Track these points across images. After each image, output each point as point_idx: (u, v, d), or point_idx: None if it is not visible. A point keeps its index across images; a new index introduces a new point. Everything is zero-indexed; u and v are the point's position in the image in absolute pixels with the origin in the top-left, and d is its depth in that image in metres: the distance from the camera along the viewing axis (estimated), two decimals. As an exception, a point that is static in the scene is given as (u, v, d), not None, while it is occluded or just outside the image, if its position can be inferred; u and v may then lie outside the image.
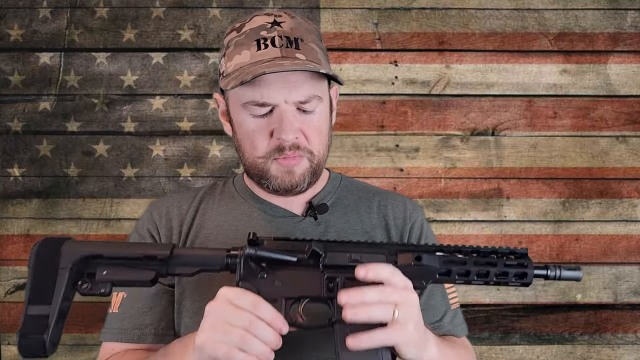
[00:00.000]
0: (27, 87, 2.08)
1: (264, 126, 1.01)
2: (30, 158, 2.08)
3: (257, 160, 1.04)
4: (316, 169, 1.06)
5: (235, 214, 1.12)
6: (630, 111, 2.12)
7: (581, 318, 2.11)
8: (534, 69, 2.12)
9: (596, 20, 2.12)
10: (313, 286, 0.88)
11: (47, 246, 0.87)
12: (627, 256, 2.11)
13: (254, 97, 1.00)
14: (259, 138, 1.02)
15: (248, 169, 1.07)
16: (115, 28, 2.09)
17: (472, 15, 2.12)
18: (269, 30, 1.01)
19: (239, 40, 1.03)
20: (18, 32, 2.09)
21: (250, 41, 1.01)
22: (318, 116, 1.04)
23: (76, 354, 2.07)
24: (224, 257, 0.88)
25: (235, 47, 1.03)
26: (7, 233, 2.07)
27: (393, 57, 2.11)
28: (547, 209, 2.11)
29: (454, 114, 2.11)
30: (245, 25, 1.04)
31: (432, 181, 2.11)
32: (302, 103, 1.01)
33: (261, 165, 1.04)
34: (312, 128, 1.03)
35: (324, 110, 1.06)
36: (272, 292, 0.87)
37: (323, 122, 1.05)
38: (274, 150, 1.02)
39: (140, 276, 0.87)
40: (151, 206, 1.15)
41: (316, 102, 1.03)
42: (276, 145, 1.01)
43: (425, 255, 0.90)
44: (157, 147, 2.09)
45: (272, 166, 1.03)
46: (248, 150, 1.04)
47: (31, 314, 0.82)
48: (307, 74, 1.01)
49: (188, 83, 2.09)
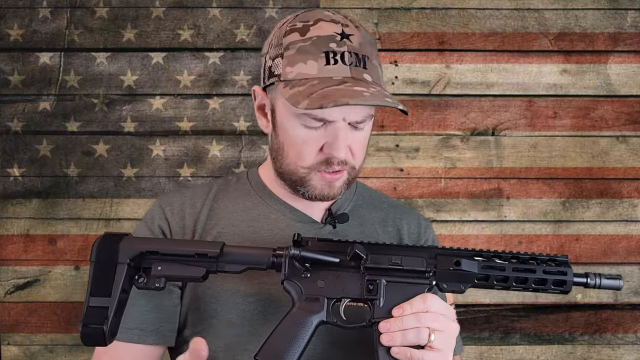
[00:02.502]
0: (27, 87, 2.08)
1: (315, 139, 0.99)
2: (30, 158, 2.08)
3: (300, 169, 1.02)
4: (352, 181, 1.06)
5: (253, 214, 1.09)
6: (631, 111, 2.12)
7: (581, 318, 2.11)
8: (534, 69, 2.12)
9: (596, 20, 2.12)
10: (354, 287, 0.92)
11: (107, 242, 0.91)
12: (628, 256, 2.10)
13: (314, 112, 0.96)
14: (308, 149, 1.00)
15: (284, 174, 1.05)
16: (115, 28, 2.09)
17: (472, 15, 2.12)
18: (338, 44, 0.97)
19: (303, 46, 0.98)
20: (18, 32, 2.08)
21: (318, 52, 0.97)
22: (366, 133, 1.03)
23: (76, 354, 2.07)
24: (270, 256, 0.92)
25: (299, 54, 0.98)
26: (6, 233, 2.07)
27: (393, 57, 2.11)
28: (547, 209, 2.11)
29: (454, 114, 2.11)
30: (311, 30, 0.98)
31: (432, 181, 2.11)
32: (357, 122, 1.00)
33: (303, 175, 1.02)
34: (359, 144, 1.03)
35: (370, 128, 1.06)
36: (315, 291, 0.92)
37: (367, 140, 1.05)
38: (321, 163, 1.00)
39: (192, 272, 0.91)
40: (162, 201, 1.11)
41: (368, 120, 1.02)
42: (325, 159, 1.00)
43: (464, 260, 0.92)
44: (157, 147, 2.09)
45: (314, 177, 1.02)
46: (292, 158, 1.02)
47: (92, 305, 0.87)
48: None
49: (188, 83, 2.09)
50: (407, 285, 0.91)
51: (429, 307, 0.88)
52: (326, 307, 0.91)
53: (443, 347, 0.87)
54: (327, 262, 0.91)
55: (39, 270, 2.07)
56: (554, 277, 0.91)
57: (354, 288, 0.92)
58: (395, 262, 0.91)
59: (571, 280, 0.92)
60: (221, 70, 2.07)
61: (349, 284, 0.92)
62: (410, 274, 0.92)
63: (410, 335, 0.87)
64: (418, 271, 0.91)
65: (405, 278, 0.91)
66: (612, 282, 0.92)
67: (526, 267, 0.92)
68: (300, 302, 0.92)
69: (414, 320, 0.87)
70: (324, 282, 0.92)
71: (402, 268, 0.91)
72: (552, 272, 0.92)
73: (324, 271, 0.92)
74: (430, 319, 0.87)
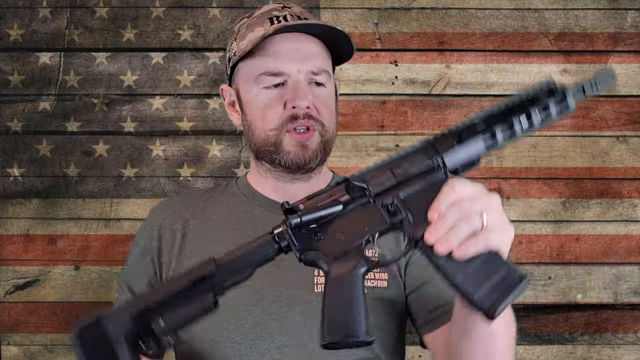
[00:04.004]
0: (26, 87, 2.08)
1: (277, 97, 1.03)
2: (30, 158, 2.08)
3: (269, 133, 1.04)
4: (326, 145, 1.06)
5: (236, 213, 1.11)
6: (631, 111, 2.12)
7: (581, 318, 2.10)
8: (534, 69, 2.11)
9: (596, 20, 2.12)
10: (375, 220, 0.79)
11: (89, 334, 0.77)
12: (628, 256, 2.10)
13: (267, 67, 1.02)
14: (272, 110, 1.04)
15: (259, 149, 1.07)
16: (115, 28, 2.09)
17: (472, 15, 2.12)
18: (280, 11, 1.05)
19: (250, 22, 1.06)
20: (18, 32, 2.08)
21: (263, 20, 1.04)
22: (328, 92, 1.07)
23: (76, 354, 2.07)
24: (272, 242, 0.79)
25: (248, 28, 1.06)
26: (6, 233, 2.07)
27: (393, 57, 2.11)
28: (547, 209, 2.11)
29: (454, 114, 2.11)
30: (255, 12, 1.08)
31: (432, 181, 2.11)
32: (314, 74, 1.03)
33: (273, 139, 1.04)
34: (322, 101, 1.05)
35: (332, 89, 1.09)
36: (339, 247, 0.79)
37: (331, 100, 1.08)
38: (287, 120, 1.03)
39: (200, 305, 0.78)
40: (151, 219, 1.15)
41: (326, 76, 1.06)
42: (290, 114, 1.02)
43: (464, 134, 0.81)
44: (157, 147, 2.09)
45: (284, 139, 1.04)
46: (260, 125, 1.05)
47: None
48: (319, 49, 1.05)
49: (188, 83, 2.09)
50: (425, 189, 0.78)
51: (462, 191, 0.76)
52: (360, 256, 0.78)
53: (500, 223, 0.75)
54: (332, 213, 0.79)
55: (38, 270, 2.07)
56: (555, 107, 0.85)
57: (375, 221, 0.79)
58: (399, 174, 0.80)
59: (572, 100, 0.85)
60: (221, 70, 2.07)
61: (368, 220, 0.79)
62: (422, 176, 0.80)
63: (462, 228, 0.73)
64: (427, 170, 0.80)
65: (419, 183, 0.79)
66: (604, 75, 0.85)
67: (520, 102, 0.84)
68: (333, 266, 0.78)
69: (456, 212, 0.74)
70: (342, 233, 0.79)
71: (410, 175, 0.80)
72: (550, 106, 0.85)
73: (335, 223, 0.79)
74: (471, 201, 0.74)
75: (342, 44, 1.07)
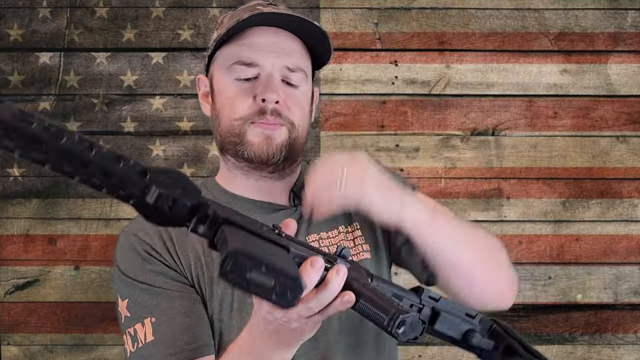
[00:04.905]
0: (26, 87, 2.08)
1: (247, 90, 1.00)
2: (30, 158, 2.07)
3: (234, 123, 1.00)
4: (294, 143, 1.02)
5: None
6: (631, 111, 2.12)
7: (581, 318, 2.10)
8: (534, 68, 2.11)
9: (596, 20, 2.12)
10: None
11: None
12: (628, 256, 2.10)
13: (241, 56, 1.00)
14: (240, 100, 1.00)
15: (224, 139, 1.03)
16: (115, 28, 2.09)
17: (472, 15, 2.12)
18: (264, 6, 1.03)
19: (233, 13, 1.05)
20: (18, 32, 2.08)
21: (244, 12, 1.02)
22: (301, 92, 1.03)
23: (76, 354, 2.07)
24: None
25: (229, 19, 1.04)
26: (6, 233, 2.07)
27: (393, 57, 2.11)
28: (548, 209, 2.10)
29: (454, 114, 2.11)
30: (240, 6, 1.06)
31: (432, 181, 2.11)
32: (289, 70, 1.00)
33: (238, 129, 1.00)
34: (294, 100, 1.01)
35: (307, 91, 1.05)
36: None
37: (305, 101, 1.04)
38: (255, 113, 0.99)
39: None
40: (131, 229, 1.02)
41: (302, 76, 1.02)
42: (258, 108, 0.99)
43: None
44: (157, 147, 2.09)
45: (248, 130, 0.99)
46: (226, 114, 1.01)
47: None
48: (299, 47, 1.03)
49: (188, 83, 2.09)
50: None
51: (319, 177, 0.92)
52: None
53: (356, 181, 0.90)
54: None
55: (38, 270, 2.07)
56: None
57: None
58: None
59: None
60: (221, 70, 2.07)
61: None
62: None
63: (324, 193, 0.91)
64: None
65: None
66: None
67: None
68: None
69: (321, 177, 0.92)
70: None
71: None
72: None
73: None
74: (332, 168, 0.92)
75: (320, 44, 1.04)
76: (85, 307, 2.06)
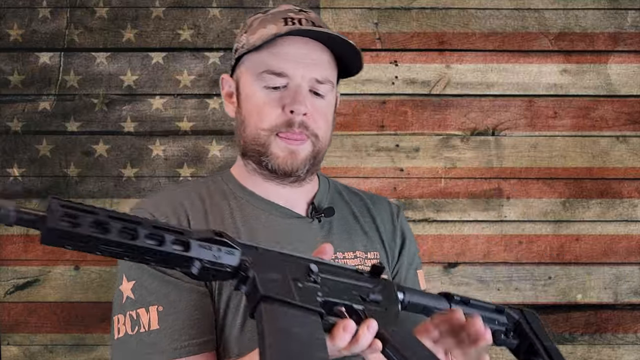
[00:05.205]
0: (26, 87, 2.08)
1: (276, 99, 1.01)
2: (29, 158, 2.07)
3: (261, 132, 1.02)
4: (317, 155, 1.05)
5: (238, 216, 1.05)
6: (631, 111, 2.12)
7: (581, 318, 2.10)
8: (534, 68, 2.11)
9: (596, 20, 2.12)
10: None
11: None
12: (628, 256, 2.10)
13: (272, 65, 1.01)
14: (268, 110, 1.01)
15: (247, 146, 1.04)
16: (115, 28, 2.09)
17: (472, 15, 2.12)
18: (296, 13, 1.04)
19: (264, 18, 1.05)
20: (18, 32, 2.08)
21: (277, 19, 1.03)
22: (327, 102, 1.05)
23: (76, 354, 2.07)
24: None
25: (260, 23, 1.04)
26: (7, 233, 2.07)
27: (393, 57, 2.11)
28: (548, 209, 2.10)
29: (454, 114, 2.11)
30: (271, 10, 1.07)
31: (432, 181, 2.11)
32: (318, 82, 1.02)
33: (263, 139, 1.02)
34: (320, 112, 1.03)
35: (332, 101, 1.07)
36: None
37: (329, 112, 1.07)
38: (282, 124, 1.01)
39: None
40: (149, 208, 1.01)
41: (329, 87, 1.04)
42: (286, 119, 1.00)
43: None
44: (157, 147, 2.09)
45: (273, 142, 1.01)
46: (253, 122, 1.03)
47: None
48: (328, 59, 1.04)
49: (188, 83, 2.09)
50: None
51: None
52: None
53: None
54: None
55: (38, 270, 2.07)
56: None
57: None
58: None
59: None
60: (221, 70, 2.07)
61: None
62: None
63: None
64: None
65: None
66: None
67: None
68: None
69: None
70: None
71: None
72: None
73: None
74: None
75: (351, 57, 1.05)
76: (85, 307, 2.06)
